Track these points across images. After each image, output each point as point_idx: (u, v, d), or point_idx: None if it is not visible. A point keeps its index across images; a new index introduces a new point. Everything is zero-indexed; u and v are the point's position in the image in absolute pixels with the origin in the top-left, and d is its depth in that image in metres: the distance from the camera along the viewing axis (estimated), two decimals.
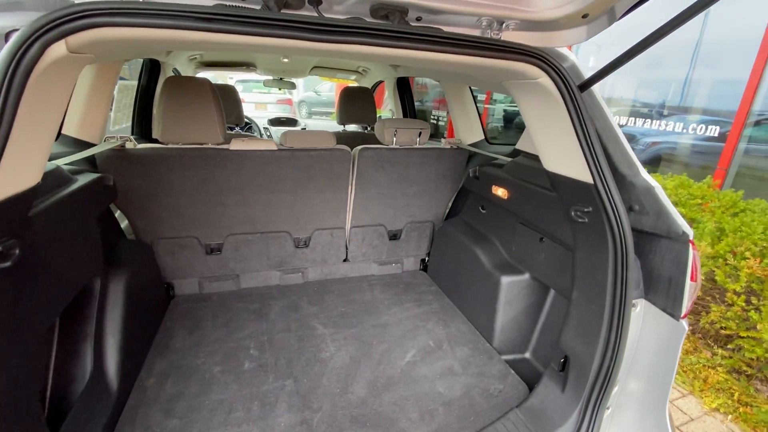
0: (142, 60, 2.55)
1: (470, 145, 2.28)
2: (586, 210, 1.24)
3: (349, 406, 1.39)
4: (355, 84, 3.88)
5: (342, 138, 2.92)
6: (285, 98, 10.87)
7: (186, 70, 3.18)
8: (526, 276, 1.71)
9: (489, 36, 1.17)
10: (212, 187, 1.80)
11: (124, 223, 1.85)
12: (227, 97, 3.17)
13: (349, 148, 1.94)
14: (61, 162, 1.28)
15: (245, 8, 0.92)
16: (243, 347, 1.67)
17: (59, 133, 1.64)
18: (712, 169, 4.38)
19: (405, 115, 3.34)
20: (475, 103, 2.34)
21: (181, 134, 1.69)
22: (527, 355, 1.74)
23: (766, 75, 3.70)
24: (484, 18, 1.15)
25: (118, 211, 1.81)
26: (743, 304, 2.54)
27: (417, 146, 2.07)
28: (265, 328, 1.80)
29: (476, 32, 1.20)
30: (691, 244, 1.11)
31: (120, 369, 1.31)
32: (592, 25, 1.23)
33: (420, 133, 2.06)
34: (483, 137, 2.33)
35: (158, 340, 1.67)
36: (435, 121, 8.60)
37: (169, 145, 1.71)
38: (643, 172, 1.21)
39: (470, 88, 2.31)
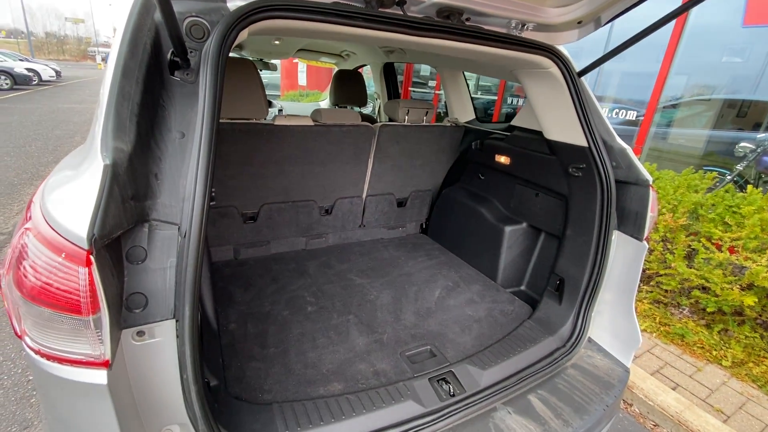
0: None
1: (465, 123, 2.68)
2: (580, 167, 1.68)
3: (405, 328, 1.74)
4: (334, 68, 4.08)
5: None
6: None
7: None
8: (524, 224, 2.17)
9: (515, 34, 1.55)
10: (256, 159, 1.98)
11: None
12: None
13: (371, 125, 2.22)
14: None
15: (354, 6, 1.19)
16: (299, 296, 1.92)
17: None
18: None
19: (389, 98, 3.65)
20: (468, 88, 2.74)
21: (231, 110, 1.85)
22: (523, 287, 2.21)
23: (673, 69, 4.54)
24: (513, 20, 1.51)
25: None
26: (661, 249, 3.29)
27: (424, 124, 2.41)
28: (311, 282, 2.06)
29: (504, 30, 1.57)
30: (651, 188, 1.60)
31: (214, 313, 1.52)
32: (582, 29, 1.65)
33: (427, 113, 2.41)
34: (474, 116, 2.73)
35: (219, 297, 1.86)
36: None
37: (221, 120, 1.86)
38: (618, 138, 1.68)
39: (464, 74, 2.69)
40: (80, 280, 0.71)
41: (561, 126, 1.73)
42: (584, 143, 1.63)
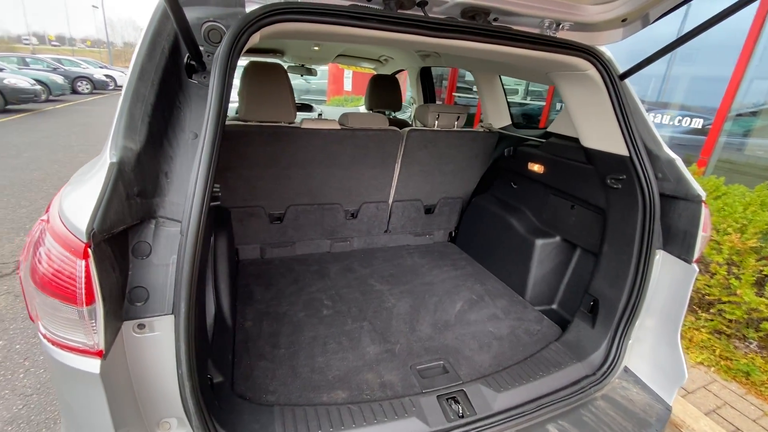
0: None
1: (499, 129, 2.56)
2: (620, 178, 1.53)
3: (420, 340, 1.68)
4: (374, 73, 4.09)
5: None
6: None
7: None
8: (557, 238, 2.02)
9: (548, 35, 1.44)
10: (282, 161, 2.02)
11: None
12: None
13: (399, 129, 2.19)
14: None
15: (372, 8, 1.16)
16: (316, 299, 1.92)
17: None
18: (694, 158, 4.74)
19: (426, 101, 3.59)
20: (505, 93, 2.62)
21: (260, 113, 1.90)
22: (554, 306, 2.05)
23: (747, 74, 4.06)
24: (546, 20, 1.41)
25: None
26: (725, 273, 2.93)
27: (455, 129, 2.34)
28: (330, 285, 2.06)
29: (537, 31, 1.47)
30: (703, 204, 1.41)
31: (231, 310, 1.55)
32: (628, 28, 1.50)
33: (458, 117, 2.33)
34: (510, 122, 2.61)
35: (241, 294, 1.91)
36: None
37: (250, 122, 1.92)
38: (666, 147, 1.51)
39: (500, 77, 2.58)
40: (77, 272, 0.74)
41: (599, 133, 1.58)
42: (625, 152, 1.48)
